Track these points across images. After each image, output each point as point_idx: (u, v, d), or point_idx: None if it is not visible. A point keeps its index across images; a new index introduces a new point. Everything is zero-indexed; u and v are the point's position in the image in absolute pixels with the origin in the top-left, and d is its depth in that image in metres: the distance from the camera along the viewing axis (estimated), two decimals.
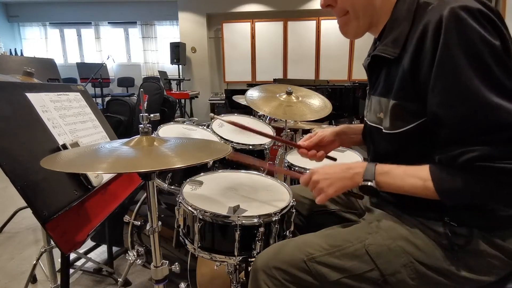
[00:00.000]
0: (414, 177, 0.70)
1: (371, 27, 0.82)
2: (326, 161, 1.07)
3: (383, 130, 0.77)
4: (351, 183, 0.77)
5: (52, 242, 1.42)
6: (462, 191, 0.64)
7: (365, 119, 0.91)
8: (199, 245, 0.93)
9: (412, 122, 0.71)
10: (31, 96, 1.14)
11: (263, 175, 1.21)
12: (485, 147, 0.59)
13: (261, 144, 1.54)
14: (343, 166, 0.80)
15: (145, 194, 0.97)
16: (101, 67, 4.79)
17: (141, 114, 0.84)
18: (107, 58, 5.06)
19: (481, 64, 0.60)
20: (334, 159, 1.09)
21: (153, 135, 0.87)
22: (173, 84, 6.41)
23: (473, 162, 0.60)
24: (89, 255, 1.82)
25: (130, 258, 1.44)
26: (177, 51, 6.21)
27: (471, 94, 0.60)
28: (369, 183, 0.73)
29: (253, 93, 1.70)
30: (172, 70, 6.74)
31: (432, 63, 0.64)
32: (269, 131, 1.70)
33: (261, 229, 0.88)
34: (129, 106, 3.14)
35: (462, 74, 0.61)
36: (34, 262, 1.50)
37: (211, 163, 1.41)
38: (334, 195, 0.79)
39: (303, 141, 1.06)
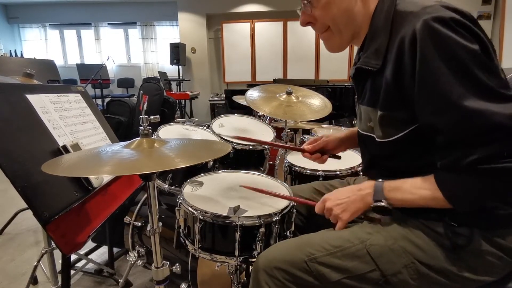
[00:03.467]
0: (422, 188, 0.70)
1: (353, 38, 0.82)
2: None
3: (376, 139, 0.78)
4: (363, 204, 0.78)
5: (52, 244, 1.42)
6: (471, 195, 0.65)
7: (357, 128, 0.92)
8: (200, 245, 0.93)
9: (403, 129, 0.72)
10: (31, 98, 1.14)
11: (263, 175, 1.21)
12: (483, 148, 0.60)
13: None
14: (353, 188, 0.81)
15: (146, 195, 0.97)
16: (101, 68, 4.78)
17: (141, 116, 0.84)
18: (107, 59, 5.06)
19: (461, 69, 0.61)
20: (339, 157, 1.10)
21: (153, 136, 0.87)
22: (173, 85, 6.41)
23: (475, 165, 0.61)
24: (90, 256, 1.82)
25: (131, 259, 1.44)
26: (177, 52, 6.21)
27: (456, 101, 0.61)
28: (382, 203, 0.74)
29: (253, 93, 1.70)
30: (172, 71, 6.74)
31: (413, 75, 0.65)
32: (270, 132, 1.70)
33: (262, 230, 0.88)
34: (129, 107, 3.14)
35: (444, 82, 0.62)
36: (35, 263, 1.50)
37: (211, 163, 1.42)
38: (350, 219, 0.80)
39: (307, 144, 1.07)
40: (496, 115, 0.58)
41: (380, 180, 0.77)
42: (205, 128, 1.63)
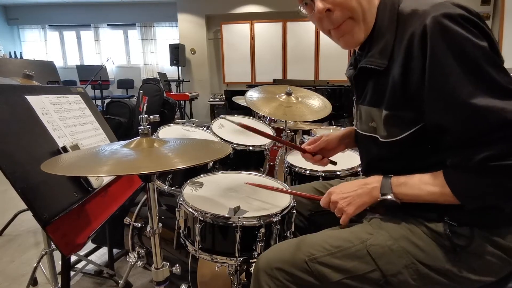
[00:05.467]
0: (431, 184, 0.70)
1: (368, 31, 0.78)
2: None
3: (380, 139, 0.78)
4: (369, 198, 0.78)
5: (52, 245, 1.42)
6: (481, 193, 0.65)
7: (356, 128, 0.91)
8: (200, 246, 0.93)
9: (408, 129, 0.71)
10: (31, 99, 1.14)
11: (263, 175, 1.21)
12: (494, 145, 0.59)
13: (261, 145, 1.54)
14: (359, 182, 0.80)
15: (146, 195, 0.97)
16: (101, 69, 4.79)
17: (141, 116, 0.84)
18: (107, 60, 5.07)
19: (472, 67, 0.61)
20: (335, 163, 1.09)
21: (153, 137, 0.87)
22: (173, 86, 6.41)
23: (487, 163, 0.60)
24: (89, 257, 1.81)
25: (130, 260, 1.44)
26: (177, 53, 6.22)
27: (466, 99, 0.60)
28: (388, 197, 0.74)
29: (252, 94, 1.70)
30: (172, 72, 6.74)
31: (423, 73, 0.65)
32: (270, 132, 1.70)
33: (262, 230, 0.88)
34: (129, 108, 3.14)
35: (455, 80, 0.61)
36: (35, 264, 1.49)
37: (211, 164, 1.41)
38: (355, 213, 0.79)
39: (307, 144, 1.05)
40: (507, 112, 0.58)
41: (388, 175, 0.76)
42: (204, 128, 1.63)
